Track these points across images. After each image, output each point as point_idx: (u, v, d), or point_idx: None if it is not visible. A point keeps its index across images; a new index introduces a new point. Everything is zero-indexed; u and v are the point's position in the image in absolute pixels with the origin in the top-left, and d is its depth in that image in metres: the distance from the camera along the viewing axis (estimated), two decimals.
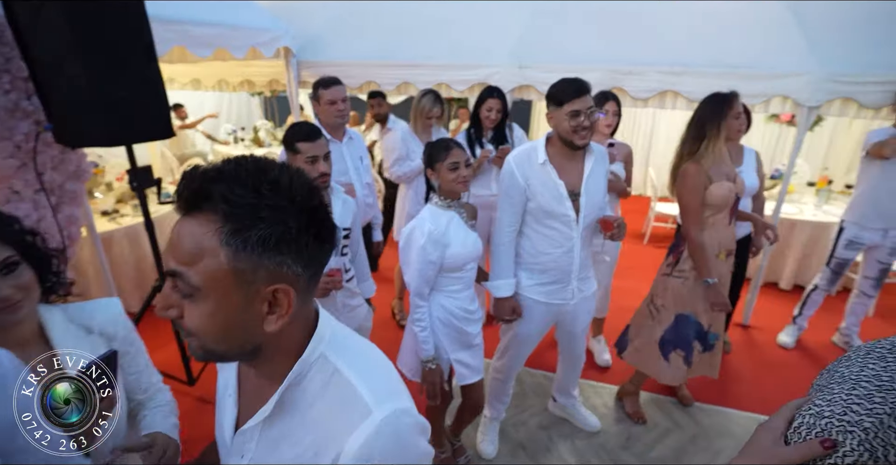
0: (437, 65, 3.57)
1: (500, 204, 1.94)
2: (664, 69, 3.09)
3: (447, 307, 1.83)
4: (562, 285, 2.00)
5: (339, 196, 1.86)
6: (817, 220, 3.93)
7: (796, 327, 3.31)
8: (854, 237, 2.94)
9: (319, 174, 1.73)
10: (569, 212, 1.86)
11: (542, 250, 1.94)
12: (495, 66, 3.39)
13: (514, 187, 1.87)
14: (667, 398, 2.74)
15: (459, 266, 1.78)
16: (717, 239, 2.18)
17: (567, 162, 1.87)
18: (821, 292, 3.16)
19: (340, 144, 2.31)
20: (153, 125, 1.94)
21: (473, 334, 1.90)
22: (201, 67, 4.85)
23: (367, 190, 2.43)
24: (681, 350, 2.32)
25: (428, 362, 1.79)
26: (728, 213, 2.18)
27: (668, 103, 3.15)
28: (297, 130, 1.73)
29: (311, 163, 1.72)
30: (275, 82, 4.65)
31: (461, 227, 1.79)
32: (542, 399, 2.70)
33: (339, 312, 1.87)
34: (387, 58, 3.69)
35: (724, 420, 2.59)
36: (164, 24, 2.85)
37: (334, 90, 2.26)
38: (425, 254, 1.71)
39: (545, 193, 1.85)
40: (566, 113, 1.74)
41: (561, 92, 1.76)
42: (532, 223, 1.93)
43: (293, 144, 1.72)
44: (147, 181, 2.12)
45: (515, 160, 1.87)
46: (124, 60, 1.77)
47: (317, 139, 1.71)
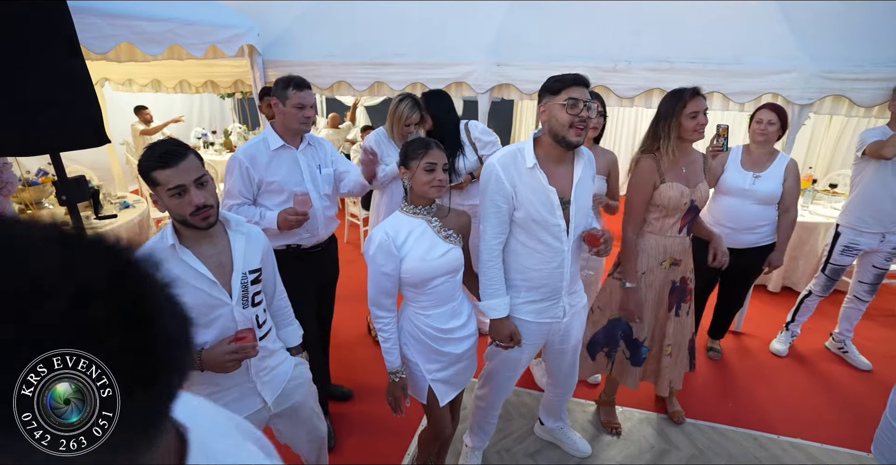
0: (412, 63, 3.35)
1: (483, 214, 1.71)
2: (650, 66, 2.92)
3: (415, 323, 1.65)
4: (553, 302, 1.79)
5: (240, 230, 1.45)
6: (805, 220, 3.81)
7: (789, 334, 3.17)
8: (851, 243, 2.80)
9: (195, 209, 1.27)
10: (560, 222, 1.66)
11: (530, 266, 1.73)
12: (472, 64, 3.18)
13: (499, 194, 1.64)
14: (658, 416, 2.56)
15: (420, 282, 1.57)
16: (662, 245, 2.08)
17: (556, 166, 1.67)
18: (815, 298, 3.03)
19: (296, 152, 2.08)
20: (81, 131, 1.68)
21: (454, 355, 1.69)
22: (161, 68, 4.56)
23: (329, 202, 2.19)
24: (606, 348, 2.29)
25: (392, 374, 1.65)
26: (679, 220, 2.04)
27: (654, 102, 2.98)
28: (150, 155, 1.25)
29: (177, 195, 1.26)
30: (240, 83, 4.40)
31: (428, 239, 1.58)
32: (528, 421, 2.49)
33: (251, 380, 1.48)
34: (358, 57, 3.46)
35: (721, 439, 2.42)
36: (109, 19, 2.58)
37: (307, 94, 1.99)
38: (377, 265, 1.55)
39: (535, 202, 1.63)
40: (563, 101, 1.54)
41: (558, 80, 1.56)
42: (519, 236, 1.71)
43: (149, 175, 1.26)
44: (78, 194, 1.84)
45: (500, 163, 1.64)
46: (39, 56, 1.51)
47: (179, 162, 1.25)
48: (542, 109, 1.61)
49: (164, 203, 1.28)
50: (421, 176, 1.53)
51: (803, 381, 2.90)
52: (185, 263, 1.30)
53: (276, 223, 2.00)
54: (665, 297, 2.16)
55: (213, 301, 1.35)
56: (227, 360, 1.32)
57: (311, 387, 1.68)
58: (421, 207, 1.60)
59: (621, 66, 2.94)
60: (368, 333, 3.27)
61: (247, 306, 1.42)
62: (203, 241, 1.36)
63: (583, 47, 3.09)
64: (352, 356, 3.02)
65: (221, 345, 1.32)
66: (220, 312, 1.36)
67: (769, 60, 2.84)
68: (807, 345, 3.24)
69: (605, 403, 2.54)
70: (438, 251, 1.58)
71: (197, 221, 1.29)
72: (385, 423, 2.45)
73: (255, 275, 1.45)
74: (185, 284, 1.30)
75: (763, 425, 2.50)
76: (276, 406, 1.54)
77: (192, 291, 1.31)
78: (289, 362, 1.61)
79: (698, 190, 2.03)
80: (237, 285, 1.39)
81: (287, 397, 1.57)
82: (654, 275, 2.12)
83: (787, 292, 3.91)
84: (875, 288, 2.90)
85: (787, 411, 2.63)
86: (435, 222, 1.61)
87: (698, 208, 2.06)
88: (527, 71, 3.12)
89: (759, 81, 2.84)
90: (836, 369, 3.02)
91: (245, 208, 2.05)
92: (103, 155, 4.64)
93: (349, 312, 3.20)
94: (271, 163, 2.05)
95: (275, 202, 2.07)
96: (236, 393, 1.46)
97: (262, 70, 3.56)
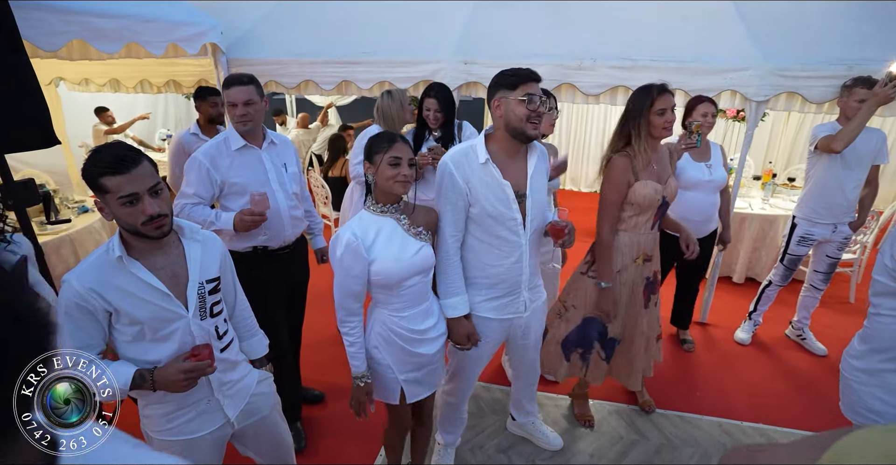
0: (380, 62, 3.31)
1: (440, 211, 1.71)
2: (614, 64, 2.96)
3: (388, 326, 1.61)
4: (513, 298, 1.80)
5: (195, 238, 1.36)
6: (765, 213, 3.94)
7: (752, 323, 3.27)
8: (806, 233, 2.89)
9: (148, 218, 1.18)
10: (517, 215, 1.67)
11: (489, 262, 1.74)
12: (439, 61, 3.17)
13: (454, 192, 1.64)
14: (629, 407, 2.61)
15: (395, 283, 1.54)
16: (636, 242, 2.08)
17: (510, 161, 1.68)
18: (775, 288, 3.13)
19: (259, 151, 2.02)
20: (26, 131, 1.60)
21: (428, 356, 1.67)
22: (119, 67, 4.38)
23: (296, 201, 2.14)
24: (580, 348, 2.27)
25: (357, 379, 1.61)
26: (652, 216, 2.06)
27: (619, 99, 3.02)
28: (98, 159, 1.15)
29: (129, 204, 1.16)
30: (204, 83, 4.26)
31: (398, 237, 1.55)
32: (500, 417, 2.50)
33: (213, 396, 1.41)
34: (325, 55, 3.40)
35: (688, 427, 2.47)
36: (59, 15, 2.46)
37: (237, 91, 1.90)
38: (344, 267, 1.50)
39: (489, 196, 1.64)
40: (521, 96, 1.55)
41: (513, 75, 1.57)
42: (475, 232, 1.72)
43: (96, 181, 1.15)
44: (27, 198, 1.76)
45: (453, 160, 1.64)
46: None
47: (132, 168, 1.15)
48: (497, 104, 1.60)
49: (113, 212, 1.18)
50: (385, 170, 1.49)
51: (765, 368, 3.00)
52: (135, 276, 1.22)
53: (233, 224, 1.94)
54: (640, 293, 2.18)
55: (167, 315, 1.27)
56: (181, 379, 1.24)
57: (275, 399, 1.62)
58: (389, 206, 1.57)
59: (586, 64, 2.97)
60: None
61: (205, 318, 1.35)
62: (155, 251, 1.28)
63: (548, 45, 3.10)
64: (322, 358, 2.97)
65: (175, 363, 1.25)
66: (177, 325, 1.29)
67: (727, 59, 2.91)
68: (768, 333, 3.34)
69: (579, 396, 2.56)
70: (411, 250, 1.55)
71: (150, 230, 1.20)
72: (357, 425, 2.41)
73: (214, 284, 1.38)
74: (135, 298, 1.23)
75: (728, 412, 2.58)
76: (239, 422, 1.48)
77: (143, 305, 1.24)
78: (253, 376, 1.54)
79: (669, 186, 2.05)
80: (193, 295, 1.31)
81: (251, 412, 1.51)
82: (629, 273, 2.12)
83: (751, 283, 4.03)
84: (829, 277, 3.01)
85: (750, 397, 2.71)
86: (403, 220, 1.58)
87: (668, 204, 2.08)
88: (493, 69, 3.01)
89: (718, 78, 2.91)
90: (794, 356, 3.13)
91: (199, 209, 1.98)
92: (60, 158, 4.44)
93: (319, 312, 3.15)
94: (233, 164, 1.99)
95: (238, 204, 2.01)
96: (197, 410, 1.38)
97: (227, 69, 3.47)
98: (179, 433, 1.37)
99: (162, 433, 1.36)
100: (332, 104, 7.36)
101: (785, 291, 3.21)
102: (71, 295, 1.18)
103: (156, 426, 1.36)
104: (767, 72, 2.83)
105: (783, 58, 2.85)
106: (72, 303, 1.18)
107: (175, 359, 1.27)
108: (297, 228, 2.19)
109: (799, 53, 2.86)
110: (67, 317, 1.19)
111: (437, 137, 2.72)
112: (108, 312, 1.22)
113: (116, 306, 1.21)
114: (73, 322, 1.20)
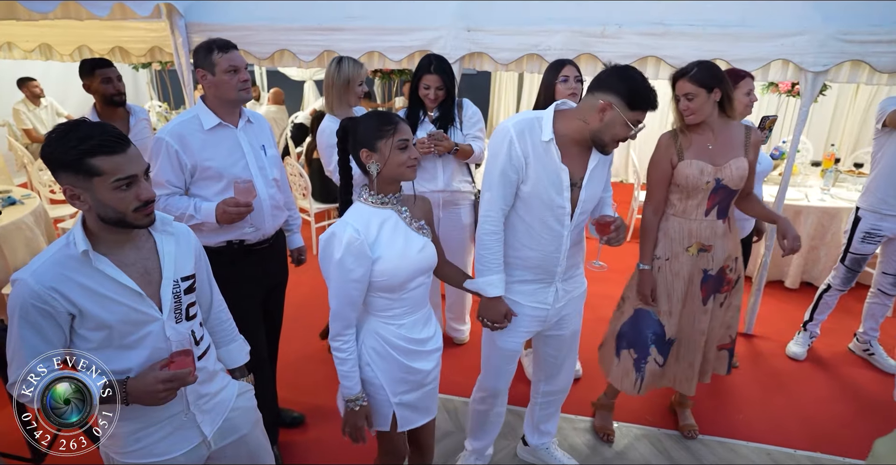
0: (367, 28, 3.36)
1: (488, 181, 1.80)
2: (643, 30, 2.99)
3: (384, 337, 1.65)
4: (544, 286, 1.94)
5: (167, 230, 1.40)
6: (825, 205, 3.95)
7: (807, 335, 3.30)
8: (872, 228, 2.91)
9: (143, 203, 1.24)
10: (566, 204, 1.79)
11: (527, 244, 1.87)
12: (437, 29, 3.21)
13: (511, 163, 1.74)
14: (659, 431, 2.65)
15: (399, 285, 1.58)
16: (686, 229, 2.22)
17: (573, 146, 1.77)
18: (834, 293, 3.14)
19: (235, 131, 2.07)
20: None
21: (425, 372, 1.72)
22: (53, 29, 4.34)
23: (277, 188, 2.20)
24: (634, 351, 2.38)
25: (351, 402, 1.65)
26: (704, 201, 2.17)
27: (649, 72, 3.06)
28: (85, 137, 1.16)
29: (125, 187, 1.20)
30: (158, 51, 4.31)
31: (401, 231, 1.60)
32: (509, 442, 2.55)
33: (188, 411, 1.43)
34: (303, 21, 3.45)
35: (730, 455, 2.51)
36: None
37: (234, 55, 1.96)
38: (345, 271, 1.52)
39: (543, 178, 1.75)
40: (631, 120, 1.65)
41: (645, 100, 1.64)
42: (520, 211, 1.84)
43: (84, 163, 1.16)
44: None
45: (516, 128, 1.73)
46: None
47: (126, 148, 1.20)
48: (604, 106, 1.63)
49: (100, 198, 1.20)
50: (396, 156, 1.53)
51: (824, 388, 3.02)
52: (102, 273, 1.25)
53: (215, 217, 1.98)
54: (697, 288, 2.28)
55: (139, 317, 1.30)
56: (161, 390, 1.24)
57: (256, 414, 1.66)
58: (390, 196, 1.60)
59: (610, 31, 3.01)
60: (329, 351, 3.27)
61: (180, 320, 1.38)
62: (125, 245, 1.30)
63: (566, 9, 3.12)
64: (302, 375, 3.03)
65: (152, 371, 1.26)
66: (149, 328, 1.32)
67: (778, 21, 2.92)
68: (827, 347, 3.36)
69: (603, 406, 2.66)
70: (416, 246, 1.60)
71: (140, 217, 1.25)
72: (342, 452, 2.47)
73: (189, 283, 1.41)
74: (103, 298, 1.25)
75: (778, 438, 2.60)
76: (216, 442, 1.50)
77: (112, 306, 1.26)
78: (231, 388, 1.57)
79: (728, 168, 2.12)
80: (168, 295, 1.34)
81: (231, 429, 1.54)
82: (680, 262, 2.25)
83: (807, 288, 4.05)
84: None
85: (806, 422, 2.73)
86: (405, 212, 1.63)
87: (730, 188, 2.15)
88: (502, 37, 3.15)
89: (768, 44, 2.93)
90: (859, 374, 3.15)
91: (175, 200, 2.02)
92: None
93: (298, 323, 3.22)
94: (206, 145, 2.02)
95: (212, 191, 2.04)
96: (169, 427, 1.40)
97: (186, 35, 3.50)
98: (148, 455, 1.38)
99: (128, 456, 1.38)
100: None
101: (847, 297, 3.22)
102: (26, 296, 1.19)
103: (120, 446, 1.37)
104: (828, 37, 2.83)
105: (847, 19, 2.85)
106: (28, 305, 1.19)
107: (151, 367, 1.28)
108: (278, 219, 2.24)
109: (865, 14, 2.85)
110: (22, 322, 1.20)
111: (433, 119, 2.77)
112: (71, 314, 1.24)
113: (81, 307, 1.23)
114: (29, 327, 1.21)
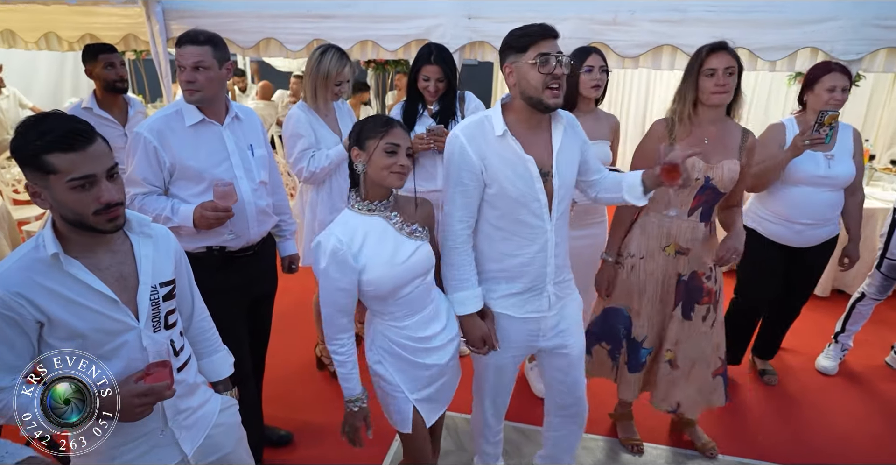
0: (360, 16, 3.40)
1: (447, 194, 1.84)
2: (657, 17, 3.03)
3: (390, 338, 1.76)
4: (535, 294, 1.93)
5: (144, 232, 1.42)
6: None
7: (839, 347, 3.30)
8: None
9: (103, 206, 1.23)
10: (540, 196, 1.79)
11: (508, 252, 1.87)
12: (436, 16, 3.26)
13: (466, 170, 1.77)
14: (674, 450, 2.68)
15: (388, 293, 1.66)
16: (666, 228, 2.25)
17: (531, 133, 1.80)
18: (869, 303, 3.15)
19: (220, 128, 2.10)
20: None
21: (439, 366, 1.81)
22: (16, 14, 4.32)
23: (264, 192, 2.23)
24: (606, 343, 2.44)
25: (351, 403, 1.74)
26: (690, 200, 2.18)
27: (664, 62, 3.10)
28: (44, 131, 1.17)
29: (81, 188, 1.21)
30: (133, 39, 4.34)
31: (390, 238, 1.67)
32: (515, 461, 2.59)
33: (166, 427, 1.45)
34: (291, 8, 3.49)
35: None
36: None
37: (184, 51, 1.97)
38: (330, 280, 1.62)
39: (509, 174, 1.76)
40: (532, 58, 1.66)
41: (523, 35, 1.69)
42: (491, 217, 1.84)
43: (39, 159, 1.18)
44: None
45: (465, 133, 1.77)
46: None
47: (87, 145, 1.20)
48: (509, 71, 1.73)
49: (57, 198, 1.22)
50: (380, 159, 1.59)
51: (857, 405, 3.02)
52: (73, 277, 1.27)
53: (192, 221, 2.00)
54: (671, 291, 2.31)
55: (114, 325, 1.32)
56: (136, 404, 1.26)
57: (241, 431, 1.69)
58: (377, 202, 1.67)
59: (622, 18, 3.05)
60: (319, 368, 3.32)
61: (158, 329, 1.40)
62: (98, 248, 1.32)
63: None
64: (290, 391, 3.06)
65: (127, 385, 1.28)
66: (125, 338, 1.34)
67: (806, 6, 2.95)
68: (861, 361, 3.37)
69: (621, 416, 2.69)
70: (405, 252, 1.66)
71: (101, 222, 1.25)
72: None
73: (168, 289, 1.43)
74: (74, 305, 1.27)
75: (806, 459, 2.60)
76: (198, 459, 1.52)
77: (85, 313, 1.28)
78: (214, 403, 1.59)
79: (720, 168, 2.13)
80: (145, 302, 1.36)
81: (213, 447, 1.56)
82: (656, 262, 2.28)
83: (838, 297, 4.06)
84: None
85: (836, 441, 2.73)
86: (395, 218, 1.69)
87: (718, 190, 2.16)
88: (505, 25, 3.07)
89: (794, 32, 2.95)
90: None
91: (152, 199, 2.04)
92: None
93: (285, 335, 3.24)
94: (187, 142, 2.04)
95: (191, 192, 2.07)
96: (145, 445, 1.42)
97: (163, 22, 3.56)
98: None
99: None
100: None
101: (883, 306, 3.23)
102: None
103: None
104: (861, 22, 2.85)
105: (881, 3, 2.86)
106: None
107: (125, 380, 1.30)
108: (264, 225, 2.26)
109: None
110: None
111: (433, 112, 2.81)
112: (39, 322, 1.26)
113: (50, 314, 1.25)
114: None
